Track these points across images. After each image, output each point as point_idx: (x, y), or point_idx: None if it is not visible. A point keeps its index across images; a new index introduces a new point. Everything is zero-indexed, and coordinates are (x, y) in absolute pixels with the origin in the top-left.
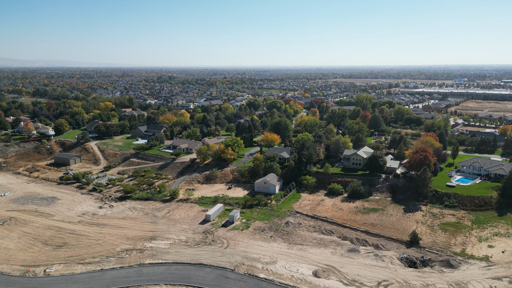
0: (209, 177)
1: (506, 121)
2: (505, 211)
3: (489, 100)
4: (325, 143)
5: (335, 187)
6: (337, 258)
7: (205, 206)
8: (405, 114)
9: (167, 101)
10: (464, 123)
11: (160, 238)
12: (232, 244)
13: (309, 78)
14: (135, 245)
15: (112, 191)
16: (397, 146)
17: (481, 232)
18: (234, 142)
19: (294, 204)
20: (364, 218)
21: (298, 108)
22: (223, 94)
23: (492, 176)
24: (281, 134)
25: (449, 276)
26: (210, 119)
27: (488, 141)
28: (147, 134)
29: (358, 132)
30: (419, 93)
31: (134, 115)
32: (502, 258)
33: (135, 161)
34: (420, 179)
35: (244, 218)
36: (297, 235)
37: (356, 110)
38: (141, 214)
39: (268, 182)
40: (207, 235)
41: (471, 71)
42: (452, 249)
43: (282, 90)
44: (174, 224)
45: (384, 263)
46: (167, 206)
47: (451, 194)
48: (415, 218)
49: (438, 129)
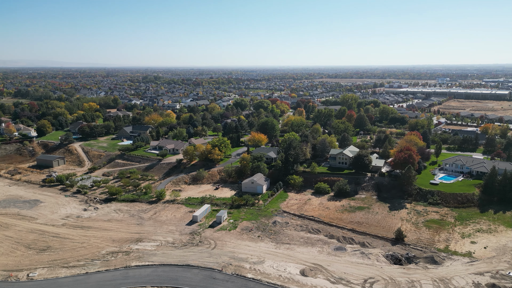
0: (196, 178)
1: (487, 120)
2: (487, 208)
3: (471, 99)
4: (312, 142)
5: (321, 186)
6: (324, 256)
7: (192, 207)
8: (390, 113)
9: (152, 102)
10: (447, 122)
11: (146, 240)
12: (219, 245)
13: (295, 78)
14: (121, 248)
15: (97, 193)
16: (382, 145)
17: (464, 228)
18: (221, 142)
19: (281, 204)
20: (351, 217)
21: (284, 108)
22: (210, 94)
23: (474, 173)
24: (268, 134)
25: (433, 272)
26: (197, 119)
27: (470, 139)
28: (133, 135)
29: (344, 131)
30: (403, 93)
31: (119, 116)
32: (484, 253)
33: (121, 163)
34: (404, 178)
35: (232, 219)
36: (284, 235)
37: (342, 110)
38: (127, 216)
39: (255, 182)
40: (194, 236)
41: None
42: (436, 246)
43: (269, 90)
44: (160, 225)
45: (370, 261)
46: (154, 208)
47: (435, 191)
48: (400, 216)
49: (422, 128)
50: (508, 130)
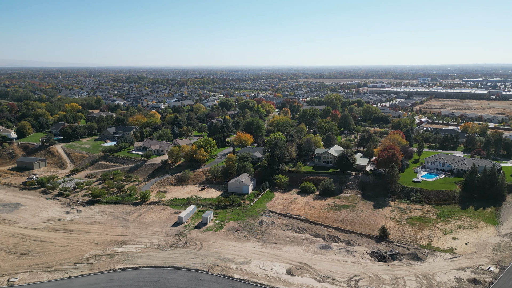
0: (181, 179)
1: (467, 119)
2: (467, 205)
3: (451, 98)
4: (297, 142)
5: (307, 185)
6: (310, 255)
7: (177, 208)
8: (373, 113)
9: (136, 102)
10: (429, 121)
11: (131, 242)
12: (205, 246)
13: (280, 78)
14: (105, 250)
15: (79, 195)
16: (366, 144)
17: (446, 225)
18: (206, 142)
19: (267, 203)
20: (336, 215)
21: (270, 108)
22: (195, 94)
23: (455, 171)
24: (254, 134)
25: (416, 269)
26: (182, 119)
27: (451, 138)
28: (116, 135)
29: (329, 131)
30: (386, 92)
31: (102, 117)
32: (466, 249)
33: (104, 164)
34: (388, 176)
35: (218, 219)
36: (270, 234)
37: (327, 110)
38: (111, 218)
39: (241, 182)
40: (180, 237)
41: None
42: (419, 242)
43: (254, 90)
44: (145, 227)
45: (355, 259)
46: (138, 209)
47: (417, 189)
48: (384, 214)
49: (405, 127)
50: (487, 128)
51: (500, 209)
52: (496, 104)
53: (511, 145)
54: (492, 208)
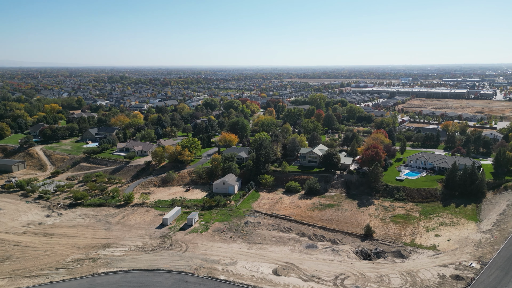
0: (165, 180)
1: (448, 118)
2: (449, 202)
3: (432, 98)
4: (282, 142)
5: (292, 185)
6: (296, 255)
7: (162, 210)
8: (357, 112)
9: (119, 102)
10: (410, 120)
11: (114, 245)
12: (191, 247)
13: (265, 78)
14: (88, 254)
15: (60, 198)
16: (350, 143)
17: (428, 222)
18: (191, 143)
19: (253, 204)
20: (321, 214)
21: (255, 107)
22: (179, 94)
23: (436, 169)
24: (239, 134)
25: (400, 266)
26: (165, 120)
27: (432, 136)
28: (98, 137)
29: (313, 130)
30: (369, 92)
31: (83, 117)
32: (448, 246)
33: (86, 166)
34: (372, 175)
35: (203, 220)
36: (256, 235)
37: (311, 109)
38: (93, 221)
39: (226, 183)
40: (165, 240)
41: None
42: (403, 240)
43: (239, 90)
44: (129, 229)
45: (341, 257)
46: (122, 212)
47: (401, 187)
48: (369, 212)
49: (387, 126)
50: (467, 127)
51: (480, 206)
52: (475, 103)
53: (490, 143)
54: (472, 205)
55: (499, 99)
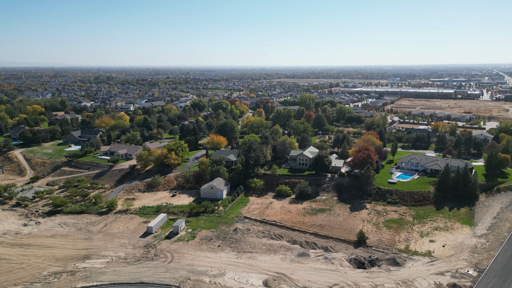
0: (151, 185)
1: (437, 118)
2: (442, 205)
3: (420, 98)
4: (272, 144)
5: (283, 188)
6: (287, 264)
7: (146, 217)
8: (347, 113)
9: (104, 103)
10: (400, 121)
11: (95, 257)
12: (177, 258)
13: (254, 78)
14: (66, 267)
15: (39, 205)
16: (340, 145)
17: (422, 227)
18: (177, 146)
19: (242, 209)
20: (313, 220)
21: (244, 108)
22: (166, 94)
23: (428, 171)
24: (228, 136)
25: (396, 275)
26: (152, 121)
27: (422, 137)
28: (81, 139)
29: (303, 132)
30: (358, 92)
31: (66, 119)
32: (443, 252)
33: (68, 170)
34: (364, 178)
35: (190, 228)
36: (246, 243)
37: (300, 110)
38: (73, 230)
39: (215, 187)
40: (149, 249)
41: (403, 71)
42: (397, 246)
43: (228, 90)
44: (111, 239)
45: (334, 266)
46: (104, 219)
47: (393, 190)
48: (361, 217)
49: (378, 127)
50: (456, 127)
51: (474, 209)
52: (462, 103)
53: (480, 144)
54: (466, 208)
55: (486, 99)
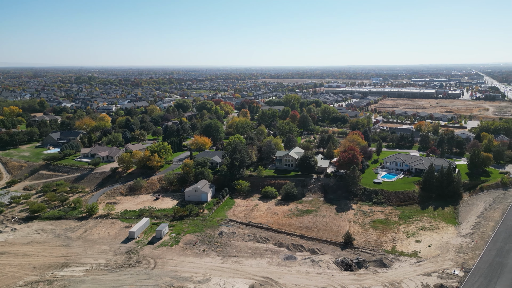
0: (133, 188)
1: (419, 118)
2: (426, 205)
3: (403, 97)
4: (257, 145)
5: (268, 190)
6: (274, 268)
7: (128, 222)
8: (331, 113)
9: (85, 104)
10: (384, 120)
11: (74, 264)
12: (160, 264)
13: (238, 79)
14: (43, 276)
15: (15, 211)
16: (326, 145)
17: (408, 227)
18: (161, 147)
19: (227, 212)
20: (299, 221)
21: (229, 109)
22: (149, 95)
23: (413, 171)
24: (212, 137)
25: (383, 277)
26: (134, 122)
27: (406, 137)
28: (61, 142)
29: (289, 132)
30: (342, 92)
31: (45, 121)
32: (429, 252)
33: (46, 174)
34: (350, 178)
35: (174, 232)
36: (231, 246)
37: (286, 110)
38: (51, 236)
39: (199, 190)
40: (131, 256)
41: (385, 71)
42: (384, 247)
43: (212, 90)
44: (91, 245)
45: (321, 269)
46: (84, 225)
47: (379, 190)
48: (347, 218)
49: (362, 126)
50: (439, 127)
51: (458, 208)
52: (444, 102)
53: (463, 143)
54: (450, 208)
55: (466, 98)
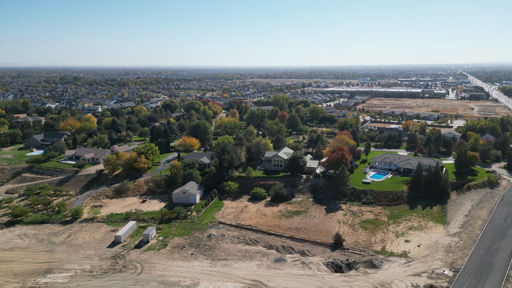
0: (119, 190)
1: (407, 117)
2: (415, 204)
3: (390, 97)
4: (246, 145)
5: (258, 191)
6: (264, 271)
7: (114, 225)
8: (320, 113)
9: (70, 105)
10: (372, 120)
11: (57, 270)
12: (147, 268)
13: (227, 78)
14: (25, 283)
15: None
16: (315, 145)
17: (397, 227)
18: (148, 148)
19: (216, 214)
20: (289, 223)
21: (217, 109)
22: (136, 95)
23: (401, 170)
24: (201, 138)
25: (373, 278)
26: (121, 123)
27: (394, 136)
28: (45, 143)
29: (278, 132)
30: (330, 92)
31: (28, 122)
32: (419, 252)
33: (29, 177)
34: (339, 178)
35: (161, 235)
36: (220, 249)
37: (274, 110)
38: (34, 241)
39: (187, 192)
40: (117, 260)
41: (372, 71)
42: (374, 248)
43: (200, 90)
44: (76, 250)
45: (311, 271)
46: (68, 229)
47: (368, 190)
48: (337, 218)
49: (351, 126)
50: (426, 126)
51: (446, 207)
52: (430, 102)
53: (449, 143)
54: (438, 207)
55: (451, 98)
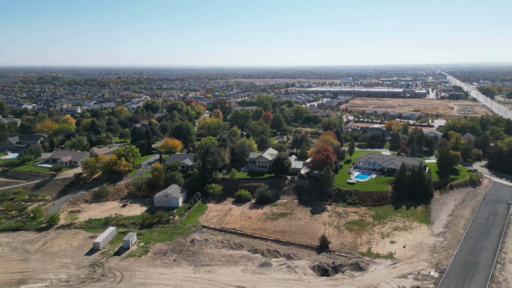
0: (98, 195)
1: (389, 117)
2: (399, 204)
3: (372, 97)
4: (230, 146)
5: (242, 193)
6: (249, 276)
7: (93, 231)
8: (304, 113)
9: (48, 106)
10: (355, 120)
11: (32, 281)
12: (127, 276)
13: (210, 78)
14: None
15: None
16: (299, 146)
17: (382, 227)
18: (128, 151)
19: (200, 217)
20: (274, 225)
21: (200, 109)
22: (117, 95)
23: (385, 170)
24: (183, 139)
25: (360, 281)
26: (101, 124)
27: (377, 136)
28: (20, 146)
29: (262, 133)
30: (313, 92)
31: (2, 124)
32: (404, 253)
33: (3, 181)
34: (323, 179)
35: (142, 241)
36: (204, 255)
37: (258, 111)
38: (7, 250)
39: (169, 195)
40: (96, 269)
41: (354, 71)
42: (359, 249)
43: (183, 90)
44: (52, 259)
45: (297, 275)
46: (43, 236)
47: (352, 191)
48: (322, 220)
49: (334, 126)
50: (408, 126)
51: (429, 207)
52: (411, 101)
53: (431, 142)
54: (422, 206)
55: (432, 97)
